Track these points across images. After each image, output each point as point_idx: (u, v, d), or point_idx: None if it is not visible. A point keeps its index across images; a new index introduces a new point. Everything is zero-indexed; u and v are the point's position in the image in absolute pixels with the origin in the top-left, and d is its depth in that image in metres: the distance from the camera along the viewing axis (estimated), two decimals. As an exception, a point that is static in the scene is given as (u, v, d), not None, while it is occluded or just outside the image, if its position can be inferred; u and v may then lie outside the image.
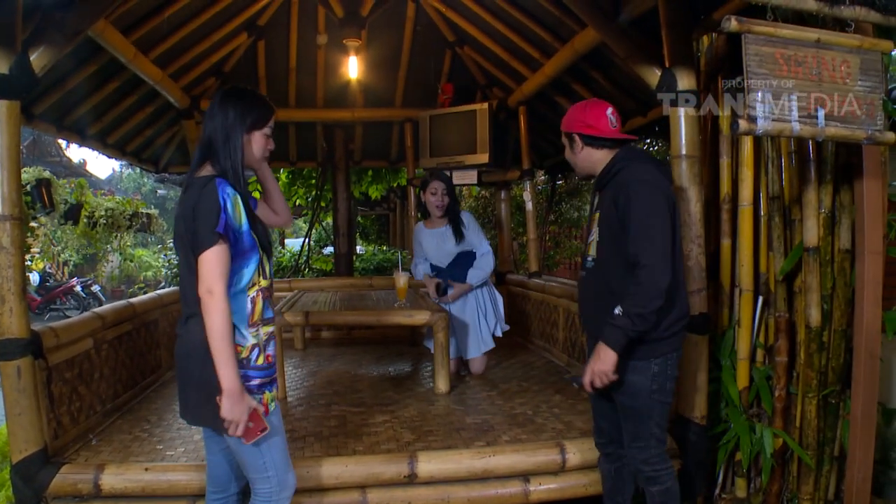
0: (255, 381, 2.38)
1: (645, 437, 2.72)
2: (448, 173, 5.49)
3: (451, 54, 6.54)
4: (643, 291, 2.47)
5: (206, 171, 2.39)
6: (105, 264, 20.47)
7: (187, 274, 2.34)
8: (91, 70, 4.61)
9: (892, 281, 4.04)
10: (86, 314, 3.94)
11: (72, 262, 17.61)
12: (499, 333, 5.15)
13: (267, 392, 2.42)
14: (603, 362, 2.53)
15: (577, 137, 2.82)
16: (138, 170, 36.52)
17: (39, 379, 3.08)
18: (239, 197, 2.33)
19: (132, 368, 4.35)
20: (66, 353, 3.42)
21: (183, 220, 2.32)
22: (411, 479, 3.12)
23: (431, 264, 5.13)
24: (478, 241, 5.06)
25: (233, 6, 5.31)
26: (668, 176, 2.78)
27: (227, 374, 2.25)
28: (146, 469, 3.04)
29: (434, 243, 5.05)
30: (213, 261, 2.26)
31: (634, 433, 2.75)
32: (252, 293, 2.39)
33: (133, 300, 4.68)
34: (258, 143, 2.51)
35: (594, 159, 2.81)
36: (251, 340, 2.39)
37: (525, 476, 3.26)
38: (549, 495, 3.27)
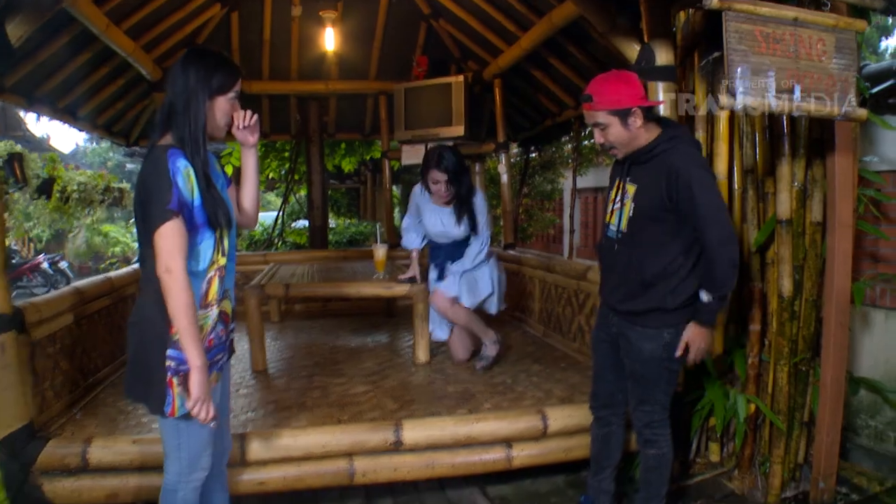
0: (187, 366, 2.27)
1: (651, 402, 2.87)
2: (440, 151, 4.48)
3: (426, 27, 6.54)
4: (725, 272, 2.61)
5: (166, 140, 2.27)
6: (72, 240, 20.17)
7: (142, 247, 2.28)
8: (63, 41, 4.54)
9: (861, 253, 4.18)
10: (65, 289, 3.92)
11: (40, 238, 17.33)
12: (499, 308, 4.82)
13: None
14: (704, 340, 2.75)
15: (638, 111, 2.66)
16: (104, 144, 35.85)
17: (23, 354, 3.09)
18: (192, 168, 2.23)
19: (111, 343, 4.34)
20: (48, 328, 3.42)
21: (136, 193, 2.25)
22: (397, 447, 3.20)
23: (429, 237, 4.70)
24: (481, 227, 4.50)
25: (206, -24, 5.26)
26: None
27: (194, 352, 2.21)
28: (134, 442, 3.07)
29: (436, 221, 4.52)
30: (167, 237, 2.17)
31: (642, 398, 2.88)
32: (210, 273, 2.35)
33: (111, 274, 4.66)
34: (221, 109, 2.36)
35: (646, 133, 2.73)
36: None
37: (508, 442, 3.35)
38: (532, 461, 3.37)
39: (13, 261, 14.41)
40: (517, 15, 5.21)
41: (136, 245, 16.52)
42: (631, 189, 2.77)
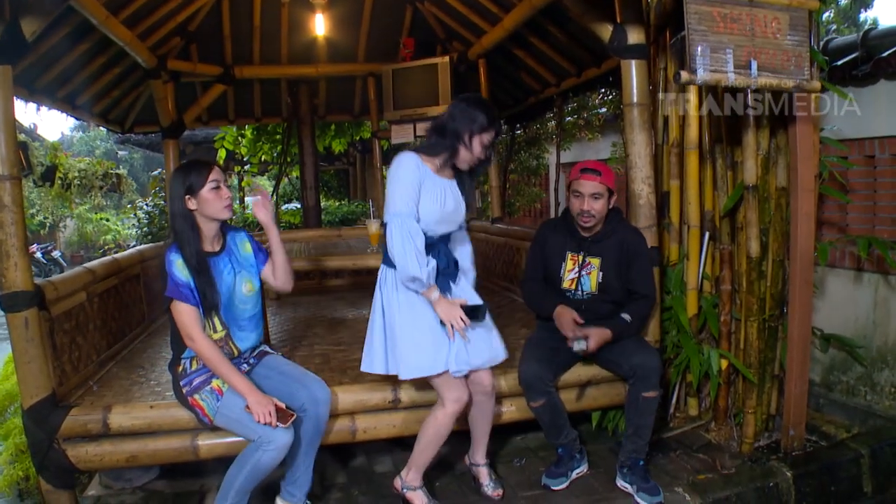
0: (197, 381, 2.98)
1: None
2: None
3: (412, 10, 6.70)
4: (647, 311, 3.53)
5: None
6: (62, 230, 20.25)
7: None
8: (62, 33, 4.67)
9: (829, 218, 4.43)
10: (78, 269, 4.10)
11: (43, 225, 17.42)
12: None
13: (214, 380, 2.96)
14: (605, 340, 3.32)
15: (615, 193, 3.39)
16: (90, 132, 35.55)
17: (44, 329, 3.26)
18: (182, 260, 2.86)
19: (120, 320, 4.54)
20: (65, 306, 3.59)
21: None
22: (395, 405, 3.41)
23: None
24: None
25: (199, -34, 5.41)
26: None
27: (238, 386, 2.86)
28: (151, 407, 3.27)
29: (442, 199, 3.02)
30: (176, 316, 2.88)
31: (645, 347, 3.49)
32: None
33: (117, 256, 4.85)
34: (206, 198, 2.91)
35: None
36: (187, 359, 3.01)
37: (498, 398, 3.51)
38: (520, 415, 3.57)
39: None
40: (498, -4, 5.36)
41: (126, 231, 16.75)
42: (595, 261, 3.46)
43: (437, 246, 3.05)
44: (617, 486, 3.43)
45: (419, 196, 2.93)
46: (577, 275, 3.49)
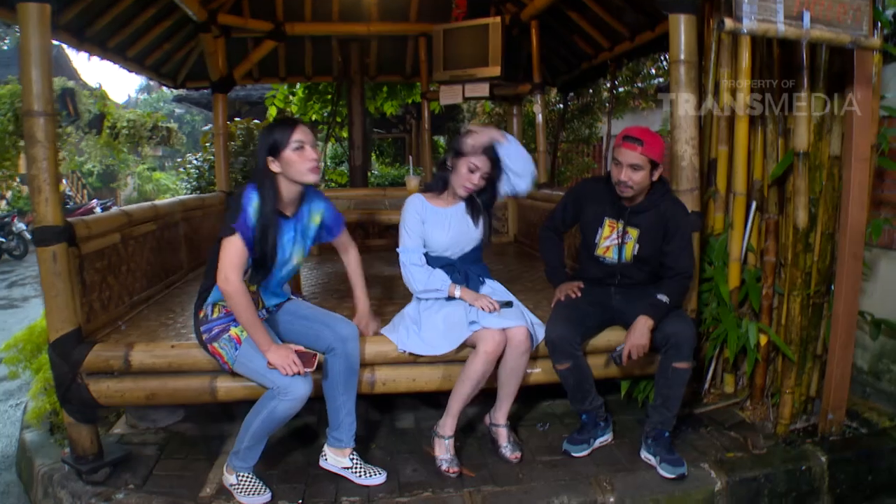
0: (216, 329, 2.96)
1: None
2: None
3: (465, -32, 6.55)
4: (684, 290, 3.32)
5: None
6: (123, 188, 20.75)
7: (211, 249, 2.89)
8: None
9: (885, 197, 4.17)
10: (114, 210, 4.13)
11: (91, 173, 17.77)
12: None
13: (233, 328, 2.93)
14: (645, 336, 3.14)
15: (660, 165, 3.23)
16: (154, 94, 36.36)
17: (73, 265, 3.26)
18: (258, 204, 2.78)
19: (156, 265, 4.56)
20: (97, 245, 3.61)
21: None
22: (416, 359, 3.34)
23: (431, 256, 3.47)
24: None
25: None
26: None
27: (258, 340, 2.81)
28: (172, 347, 3.28)
29: (447, 226, 3.41)
30: (227, 249, 2.75)
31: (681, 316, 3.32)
32: None
33: (156, 202, 4.88)
34: (290, 159, 2.80)
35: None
36: (210, 305, 2.98)
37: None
38: (546, 378, 3.46)
39: (68, 206, 14.86)
40: (553, -46, 5.21)
41: (183, 184, 17.14)
42: (633, 232, 3.35)
43: (455, 267, 3.45)
44: (641, 458, 3.33)
45: (423, 230, 3.40)
46: (613, 243, 3.41)
